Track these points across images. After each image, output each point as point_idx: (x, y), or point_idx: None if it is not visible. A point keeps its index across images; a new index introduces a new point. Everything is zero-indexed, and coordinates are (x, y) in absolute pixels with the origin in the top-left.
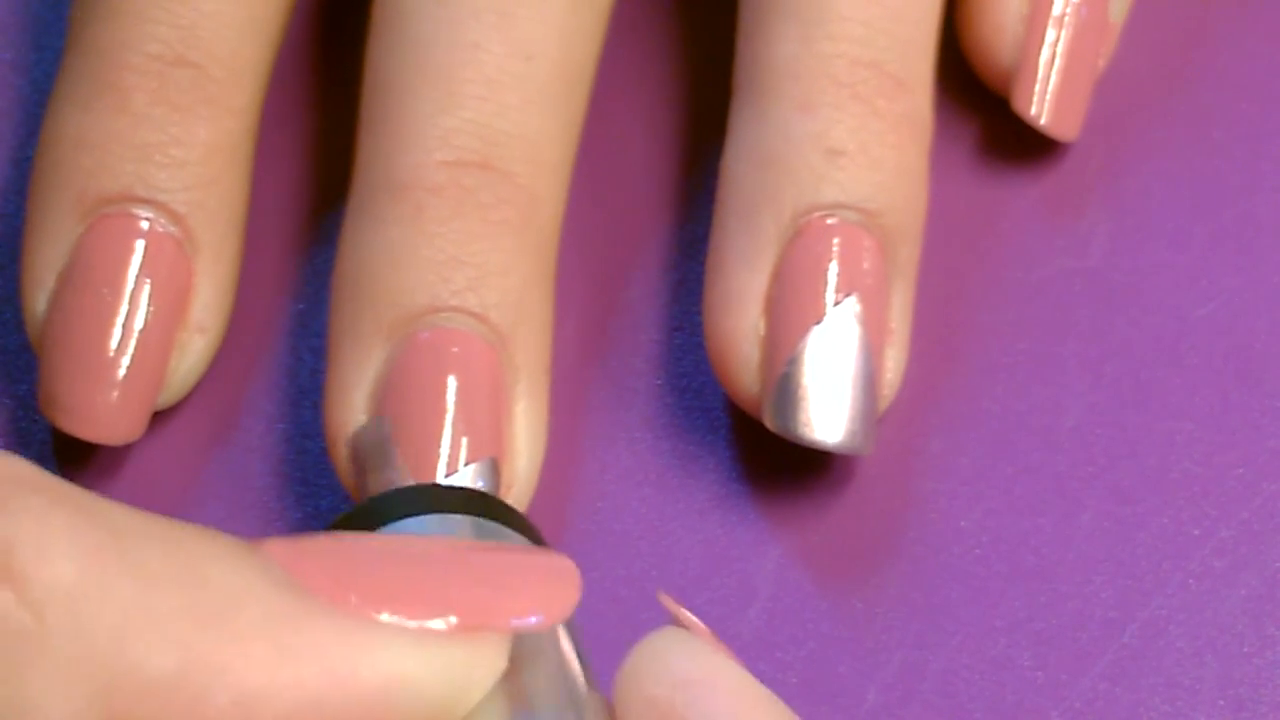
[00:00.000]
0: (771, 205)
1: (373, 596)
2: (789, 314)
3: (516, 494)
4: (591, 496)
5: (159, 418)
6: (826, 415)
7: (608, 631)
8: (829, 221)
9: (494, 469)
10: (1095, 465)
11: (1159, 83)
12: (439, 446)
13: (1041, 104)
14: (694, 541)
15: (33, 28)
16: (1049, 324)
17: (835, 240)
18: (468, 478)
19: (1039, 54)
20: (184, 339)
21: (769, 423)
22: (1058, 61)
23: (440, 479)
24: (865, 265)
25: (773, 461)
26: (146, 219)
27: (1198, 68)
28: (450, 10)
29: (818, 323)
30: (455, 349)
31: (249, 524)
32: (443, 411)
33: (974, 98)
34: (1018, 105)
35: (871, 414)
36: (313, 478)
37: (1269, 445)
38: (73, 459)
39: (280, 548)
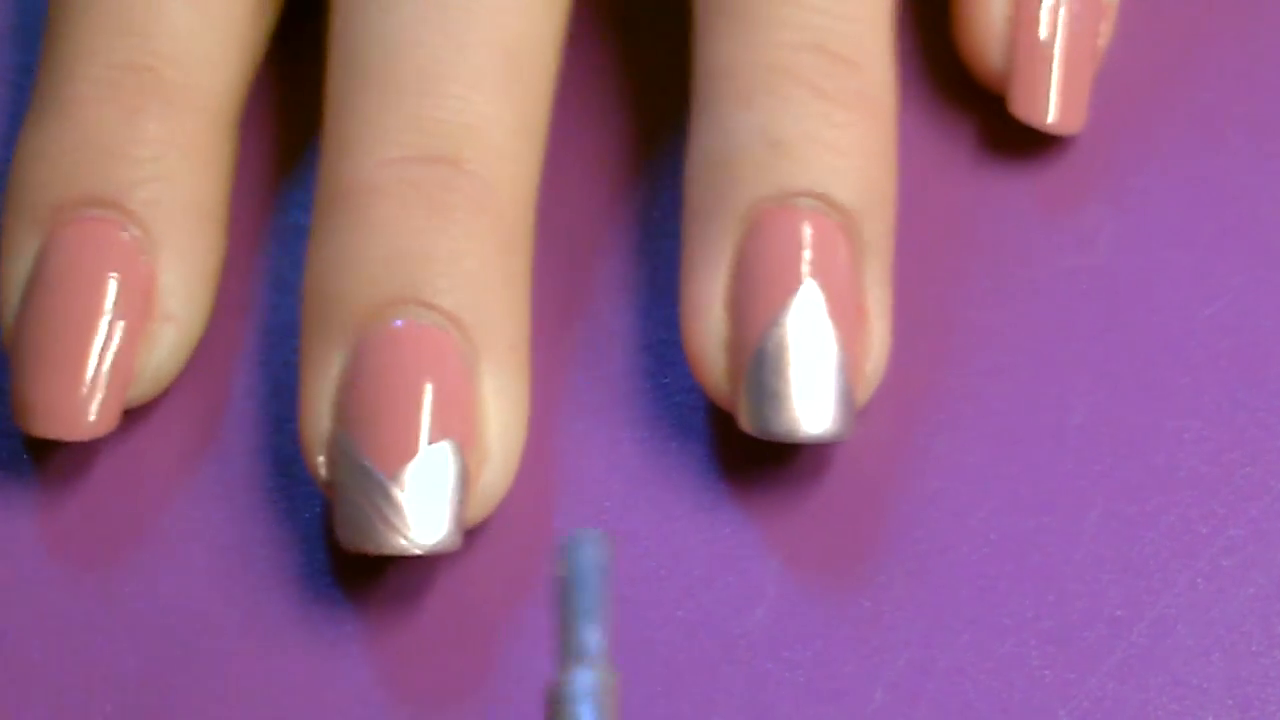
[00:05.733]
0: (722, 206)
1: None
2: (748, 313)
3: (493, 470)
4: (595, 496)
5: (155, 419)
6: (797, 407)
7: (613, 631)
8: (780, 212)
9: (462, 451)
10: (1102, 464)
11: (1163, 79)
12: (404, 436)
13: (1044, 104)
14: (700, 542)
15: (35, 28)
16: (1054, 322)
17: (787, 230)
18: (440, 458)
19: (1035, 55)
20: (153, 329)
21: (744, 426)
22: (1056, 57)
23: (409, 467)
24: (824, 250)
25: (777, 461)
26: (103, 220)
27: (1203, 64)
28: (392, 15)
29: (776, 317)
30: (408, 342)
31: (245, 525)
32: (403, 405)
33: (973, 97)
34: (1017, 109)
35: (845, 398)
36: (312, 478)
37: (1277, 443)
38: (68, 459)
39: None
